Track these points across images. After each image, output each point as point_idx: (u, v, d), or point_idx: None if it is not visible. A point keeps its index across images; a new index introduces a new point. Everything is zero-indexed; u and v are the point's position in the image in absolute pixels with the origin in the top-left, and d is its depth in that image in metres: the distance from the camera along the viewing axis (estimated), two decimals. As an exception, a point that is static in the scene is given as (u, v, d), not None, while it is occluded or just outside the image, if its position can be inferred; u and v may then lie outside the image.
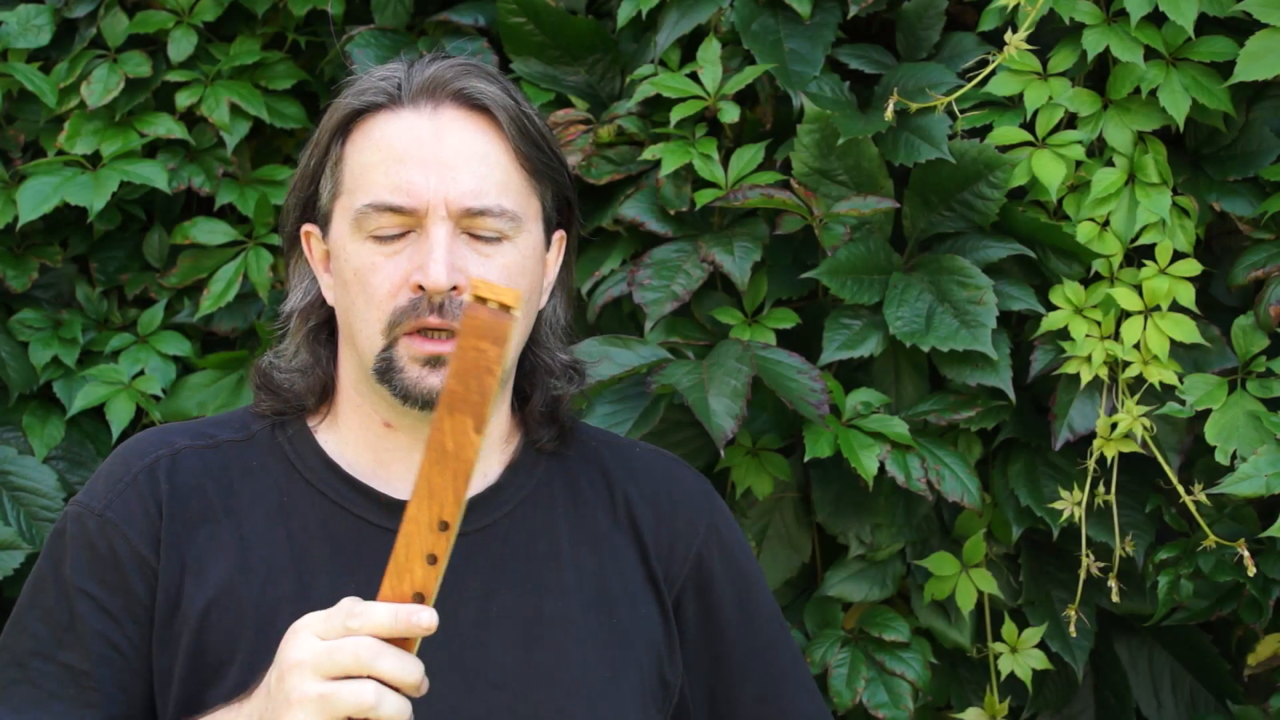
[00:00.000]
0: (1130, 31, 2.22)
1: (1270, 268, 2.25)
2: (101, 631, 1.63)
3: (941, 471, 2.25)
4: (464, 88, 1.65)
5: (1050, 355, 2.28)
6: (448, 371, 1.40)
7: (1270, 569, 2.22)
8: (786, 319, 2.33)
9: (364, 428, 1.71)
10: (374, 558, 1.62)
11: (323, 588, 1.63)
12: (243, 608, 1.62)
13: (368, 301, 1.63)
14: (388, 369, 1.63)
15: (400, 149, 1.63)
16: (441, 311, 1.60)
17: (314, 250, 1.72)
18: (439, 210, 1.61)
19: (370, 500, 1.68)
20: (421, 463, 1.40)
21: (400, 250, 1.62)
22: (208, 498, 1.67)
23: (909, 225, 2.34)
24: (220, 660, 1.61)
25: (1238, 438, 2.19)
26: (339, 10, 2.63)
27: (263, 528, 1.66)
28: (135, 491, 1.66)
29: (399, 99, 1.65)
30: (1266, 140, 2.29)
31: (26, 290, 2.63)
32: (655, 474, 1.80)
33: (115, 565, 1.64)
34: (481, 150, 1.65)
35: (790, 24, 2.38)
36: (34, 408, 2.61)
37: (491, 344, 1.38)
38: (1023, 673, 2.35)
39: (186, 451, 1.70)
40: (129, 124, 2.61)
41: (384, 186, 1.62)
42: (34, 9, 2.63)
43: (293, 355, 1.74)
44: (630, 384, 2.27)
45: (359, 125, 1.67)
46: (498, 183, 1.64)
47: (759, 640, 1.80)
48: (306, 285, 1.74)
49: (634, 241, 2.40)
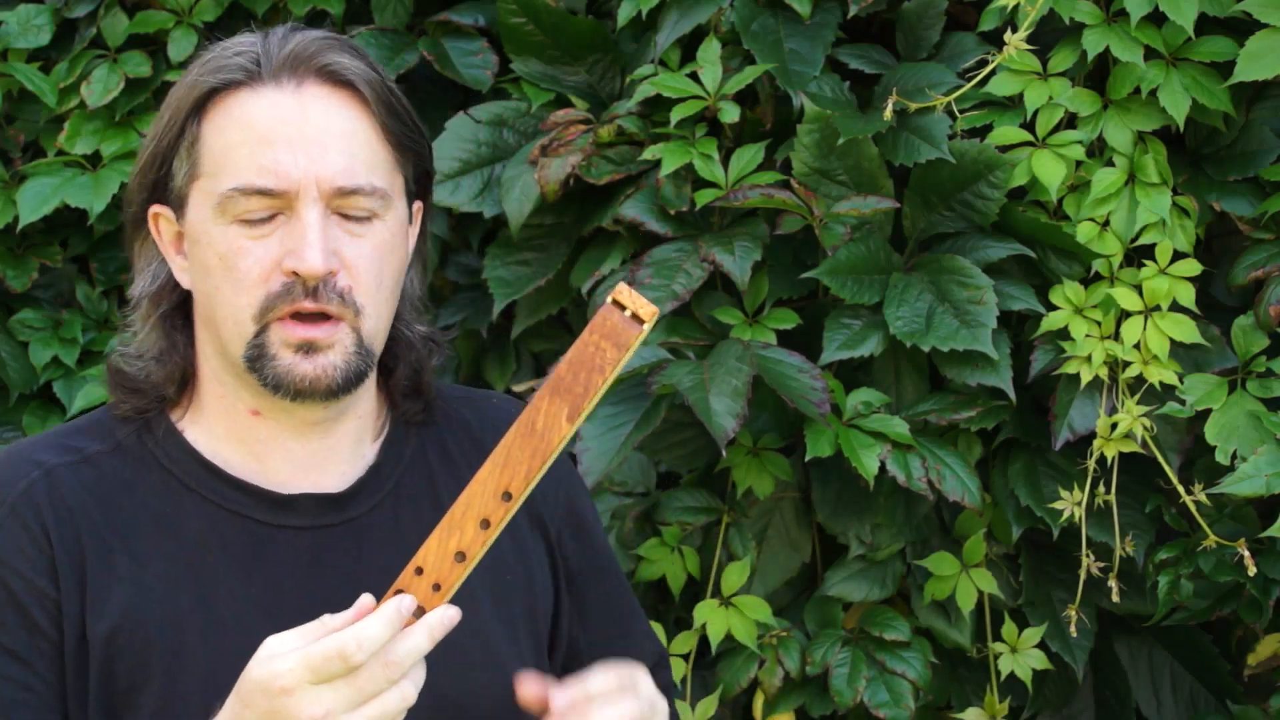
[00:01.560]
0: (1130, 31, 2.22)
1: (1270, 268, 2.25)
2: (11, 676, 1.54)
3: (942, 471, 2.26)
4: (328, 63, 1.58)
5: (1050, 355, 2.28)
6: (563, 357, 1.40)
7: (1270, 569, 2.22)
8: (787, 319, 2.33)
9: (230, 417, 1.64)
10: (274, 558, 1.60)
11: (223, 597, 1.57)
12: (147, 630, 1.55)
13: (235, 287, 1.56)
14: (259, 356, 1.56)
15: (265, 129, 1.55)
16: (316, 295, 1.54)
17: (163, 232, 1.64)
18: (310, 191, 1.54)
19: (257, 499, 1.62)
20: (508, 432, 1.41)
21: (269, 234, 1.55)
22: (92, 517, 1.58)
23: (909, 225, 2.35)
24: (131, 685, 1.54)
25: (1238, 438, 2.19)
26: (339, 10, 2.63)
27: (151, 543, 1.58)
28: (17, 522, 1.56)
29: (259, 75, 1.57)
30: (1266, 140, 2.29)
31: (26, 290, 2.64)
32: (510, 411, 1.76)
33: (13, 605, 1.54)
34: (349, 127, 1.58)
35: (790, 24, 2.38)
36: (34, 408, 2.61)
37: (613, 347, 1.40)
38: (1023, 673, 2.35)
39: (59, 469, 1.60)
40: (129, 124, 2.62)
41: (250, 169, 1.55)
42: (34, 9, 2.63)
43: (144, 343, 1.65)
44: (631, 385, 2.27)
45: (216, 103, 1.58)
46: (366, 161, 1.58)
47: (610, 574, 1.83)
48: (155, 268, 1.65)
49: (634, 241, 2.40)
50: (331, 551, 1.62)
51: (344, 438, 1.66)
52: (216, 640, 1.56)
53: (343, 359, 1.57)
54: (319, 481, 1.65)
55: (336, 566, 1.62)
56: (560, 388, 1.40)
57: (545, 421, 1.41)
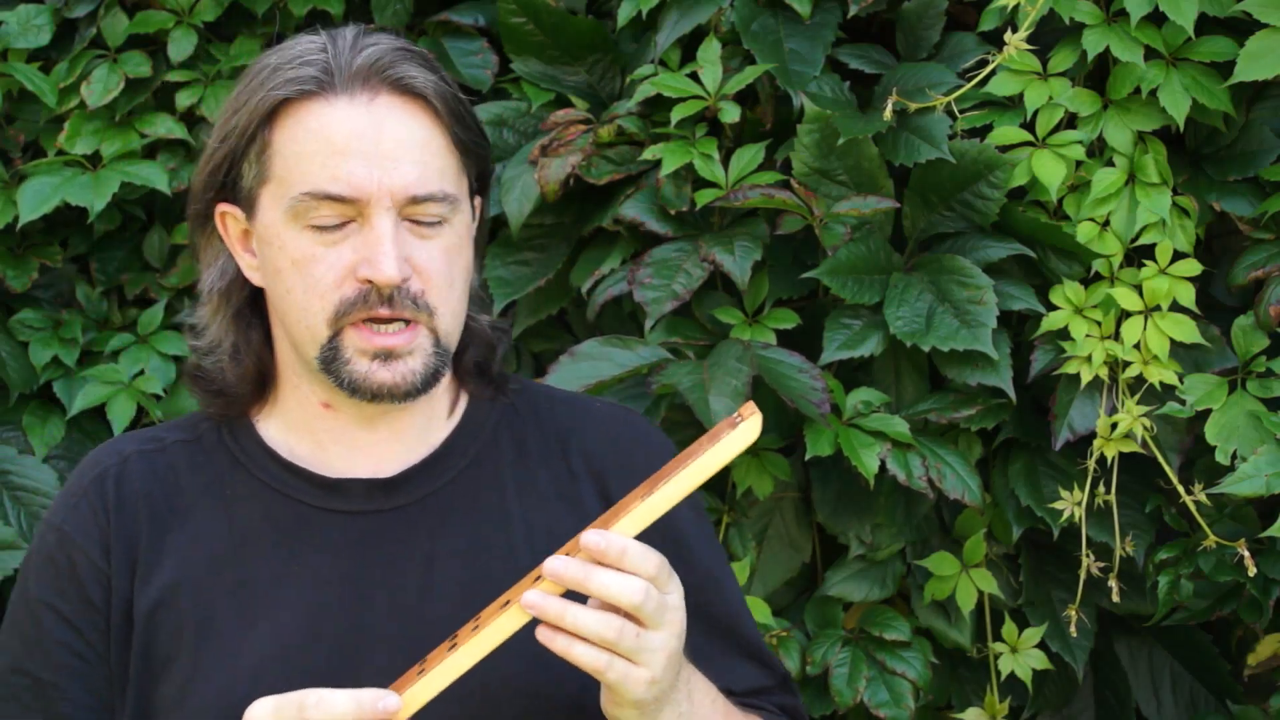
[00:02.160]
0: (1130, 31, 2.22)
1: (1270, 268, 2.25)
2: (64, 641, 1.65)
3: (942, 469, 2.26)
4: (400, 76, 1.61)
5: (1050, 355, 2.28)
6: (700, 441, 1.49)
7: (1270, 569, 2.22)
8: (787, 319, 2.33)
9: (302, 409, 1.70)
10: (314, 538, 1.65)
11: (264, 576, 1.63)
12: (184, 604, 1.63)
13: (308, 292, 1.60)
14: (333, 359, 1.61)
15: (339, 141, 1.59)
16: (391, 303, 1.59)
17: (230, 229, 1.68)
18: (383, 201, 1.58)
19: (306, 482, 1.68)
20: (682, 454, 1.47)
21: (341, 241, 1.60)
22: (154, 501, 1.68)
23: (909, 225, 2.35)
24: (167, 656, 1.63)
25: (1238, 437, 2.19)
26: (339, 10, 2.63)
27: (207, 523, 1.67)
28: (87, 503, 1.68)
29: (331, 85, 1.60)
30: (1266, 140, 2.29)
31: (26, 290, 2.63)
32: (615, 419, 1.79)
33: (72, 576, 1.66)
34: (421, 138, 1.62)
35: (790, 24, 2.38)
36: (34, 408, 2.61)
37: (708, 439, 1.48)
38: (1023, 673, 2.35)
39: (134, 457, 1.71)
40: (129, 124, 2.62)
41: (323, 177, 1.59)
42: (34, 9, 2.63)
43: (216, 338, 1.72)
44: (631, 384, 2.28)
45: (287, 110, 1.62)
46: (437, 169, 1.62)
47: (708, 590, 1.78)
48: (223, 264, 1.71)
49: (634, 241, 2.39)
50: (377, 537, 1.66)
51: (410, 427, 1.71)
52: (247, 618, 1.62)
53: (422, 364, 1.62)
54: (377, 468, 1.69)
55: (380, 552, 1.65)
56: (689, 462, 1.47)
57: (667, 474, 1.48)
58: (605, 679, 1.45)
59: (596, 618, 1.43)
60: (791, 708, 1.80)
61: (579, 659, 1.44)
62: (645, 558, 1.44)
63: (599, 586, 1.43)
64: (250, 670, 1.59)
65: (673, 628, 1.47)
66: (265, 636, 1.61)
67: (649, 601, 1.43)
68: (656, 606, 1.44)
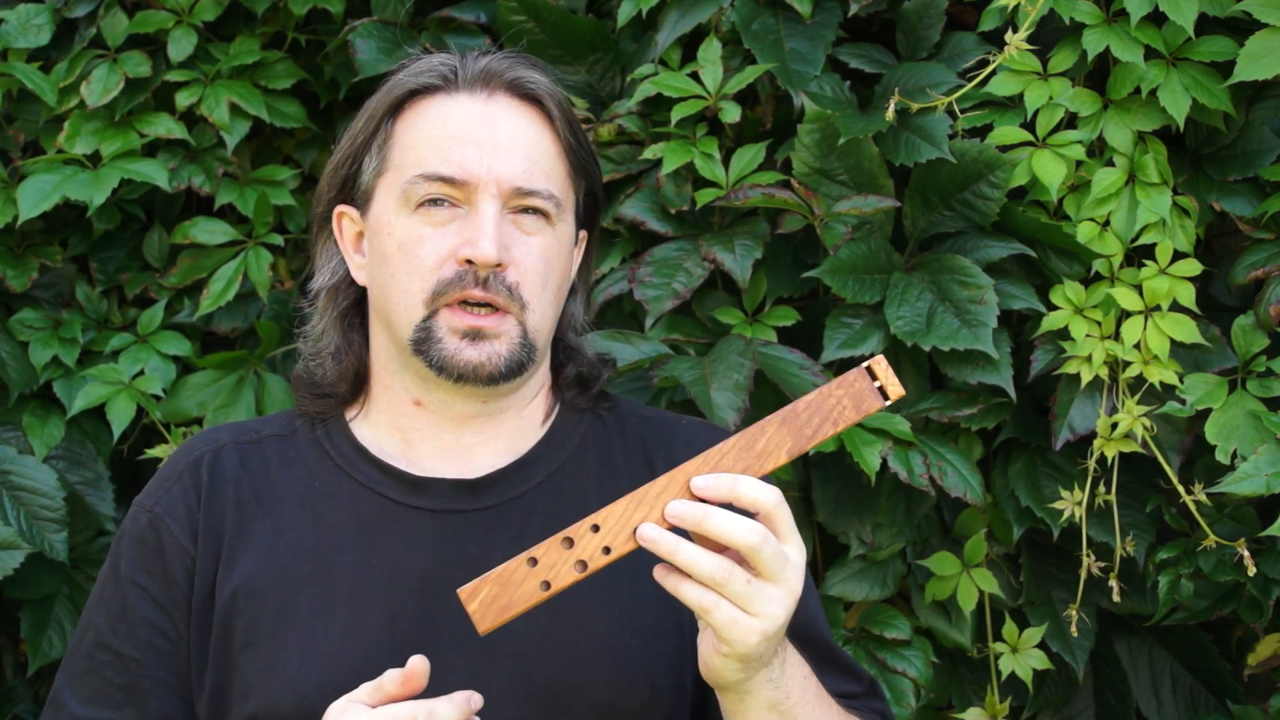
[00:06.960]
0: (1130, 31, 2.23)
1: (1270, 268, 2.25)
2: (149, 619, 1.70)
3: (944, 467, 2.26)
4: (518, 77, 1.73)
5: (1050, 355, 2.28)
6: (805, 397, 1.48)
7: (1270, 569, 2.22)
8: (787, 317, 2.33)
9: (393, 408, 1.76)
10: (397, 534, 1.69)
11: (345, 568, 1.68)
12: (265, 592, 1.68)
13: (410, 272, 1.68)
14: (426, 339, 1.68)
15: (456, 129, 1.69)
16: (486, 286, 1.66)
17: (345, 231, 1.78)
18: (490, 188, 1.67)
19: (394, 479, 1.73)
20: (729, 440, 1.47)
21: (447, 224, 1.68)
22: (242, 490, 1.74)
23: (909, 225, 2.35)
24: (245, 641, 1.67)
25: (1238, 437, 2.19)
26: (339, 9, 2.63)
27: (294, 515, 1.72)
28: (180, 487, 1.75)
29: (454, 82, 1.73)
30: (1266, 140, 2.29)
31: (26, 290, 2.63)
32: (700, 432, 1.83)
33: (160, 556, 1.72)
34: (532, 136, 1.72)
35: (791, 24, 2.38)
36: (34, 407, 2.60)
37: (853, 408, 1.48)
38: (1023, 672, 2.35)
39: (230, 447, 1.78)
40: (129, 124, 2.61)
41: (436, 159, 1.68)
42: (34, 9, 2.63)
43: (321, 339, 1.81)
44: (632, 378, 2.28)
45: (412, 105, 1.73)
46: (545, 169, 1.71)
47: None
48: (334, 265, 1.81)
49: (634, 240, 2.40)
50: (458, 537, 1.70)
51: (498, 434, 1.76)
52: (324, 608, 1.66)
53: (507, 349, 1.68)
54: (464, 469, 1.74)
55: (460, 551, 1.69)
56: (792, 423, 1.47)
57: (766, 446, 1.47)
58: (710, 619, 1.44)
59: (708, 556, 1.43)
60: (884, 712, 1.82)
61: (686, 596, 1.44)
62: (764, 489, 1.45)
63: (715, 526, 1.43)
64: (326, 660, 1.63)
65: (789, 584, 1.45)
66: (343, 628, 1.65)
67: (766, 546, 1.43)
68: (774, 554, 1.44)
